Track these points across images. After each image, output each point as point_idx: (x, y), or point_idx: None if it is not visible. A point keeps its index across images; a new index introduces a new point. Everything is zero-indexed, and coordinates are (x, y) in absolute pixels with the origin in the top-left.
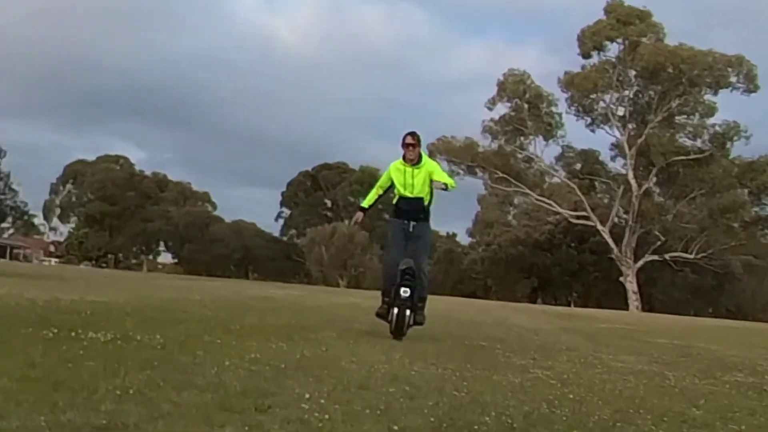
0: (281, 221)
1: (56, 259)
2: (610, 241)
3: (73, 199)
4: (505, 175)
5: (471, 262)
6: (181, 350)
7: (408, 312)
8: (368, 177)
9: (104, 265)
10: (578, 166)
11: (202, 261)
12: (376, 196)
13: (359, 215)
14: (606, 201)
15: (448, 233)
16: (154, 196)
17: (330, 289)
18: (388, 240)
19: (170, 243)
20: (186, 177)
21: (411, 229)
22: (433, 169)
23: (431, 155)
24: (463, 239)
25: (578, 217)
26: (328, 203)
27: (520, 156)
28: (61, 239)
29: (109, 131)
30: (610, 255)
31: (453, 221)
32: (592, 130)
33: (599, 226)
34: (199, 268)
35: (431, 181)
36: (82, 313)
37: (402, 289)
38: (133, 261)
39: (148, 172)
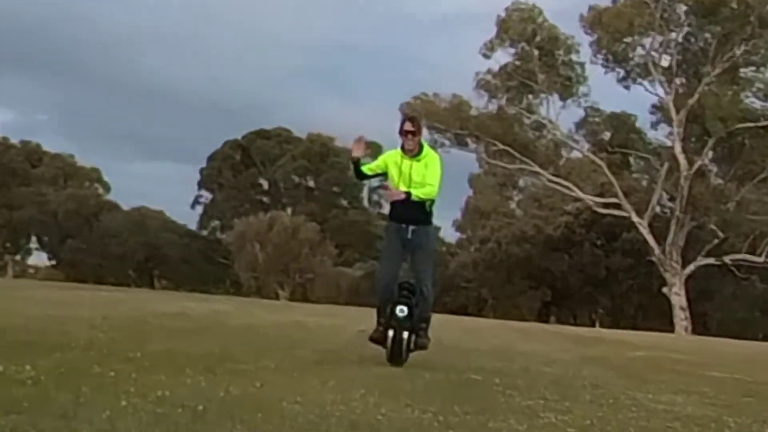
0: (199, 209)
1: None
2: (649, 238)
3: None
4: (506, 148)
5: (460, 266)
6: (59, 386)
7: (406, 334)
8: (320, 148)
9: None
10: (607, 135)
11: (90, 263)
12: (366, 171)
13: (361, 144)
14: (644, 184)
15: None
16: (23, 173)
17: (267, 302)
18: (383, 248)
19: (45, 238)
20: (67, 147)
21: (410, 235)
22: (431, 163)
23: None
24: (449, 234)
25: (606, 206)
26: (264, 184)
27: (527, 121)
28: None
29: None
30: (650, 257)
31: (436, 210)
32: (626, 87)
33: (635, 218)
34: (85, 274)
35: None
36: None
37: (399, 308)
38: None
39: (14, 140)
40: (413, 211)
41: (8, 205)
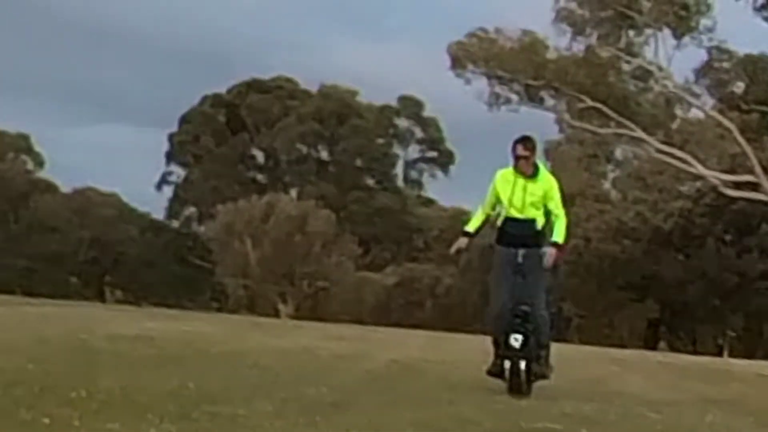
0: (168, 191)
1: None
2: None
3: None
4: (598, 104)
5: None
6: None
7: (524, 363)
8: (336, 106)
9: None
10: (739, 87)
11: (16, 266)
12: (484, 218)
13: (463, 241)
14: None
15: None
16: None
17: (263, 321)
18: (493, 274)
19: None
20: None
21: (521, 260)
22: (551, 194)
23: (456, 62)
24: None
25: (738, 186)
26: (259, 157)
27: (627, 68)
28: None
29: None
30: None
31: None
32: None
33: None
34: (9, 281)
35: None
36: None
37: (513, 337)
38: None
39: None
40: (523, 234)
41: None
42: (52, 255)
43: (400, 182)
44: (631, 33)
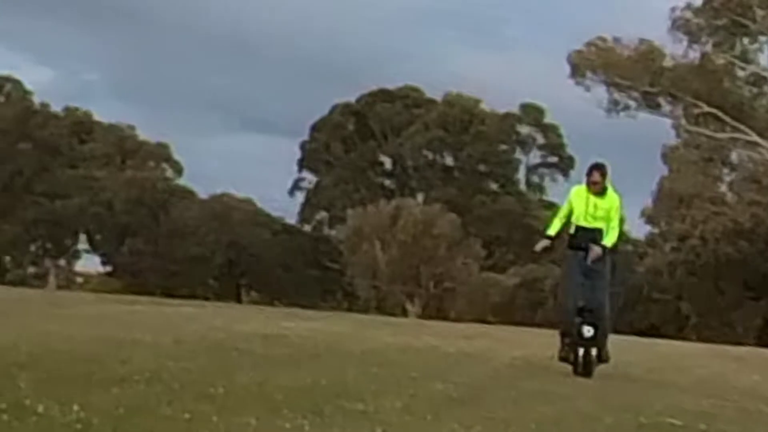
0: (300, 196)
1: None
2: None
3: None
4: (713, 110)
5: (651, 271)
6: None
7: (594, 351)
8: (460, 114)
9: None
10: None
11: (157, 269)
12: (561, 225)
13: (545, 242)
14: None
15: None
16: (68, 150)
17: (392, 320)
18: (565, 274)
19: (98, 237)
20: (127, 116)
21: (589, 262)
22: (613, 214)
23: (576, 70)
24: (637, 228)
25: None
26: (387, 163)
27: (742, 74)
28: None
29: None
30: None
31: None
32: None
33: None
34: (150, 283)
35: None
36: None
37: (586, 328)
38: (32, 270)
39: (57, 107)
40: (594, 241)
41: (49, 193)
42: (191, 258)
43: (522, 186)
44: (746, 40)
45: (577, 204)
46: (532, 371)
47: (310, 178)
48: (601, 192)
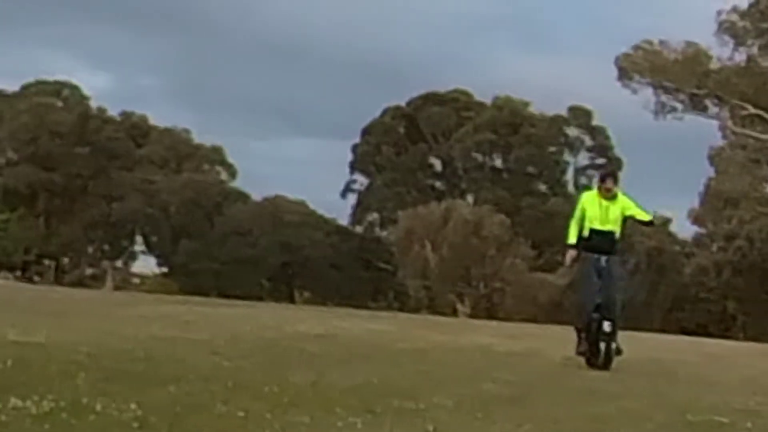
0: (352, 198)
1: None
2: None
3: None
4: (760, 112)
5: (698, 271)
6: (175, 430)
7: (614, 344)
8: (509, 117)
9: (37, 278)
10: None
11: (211, 271)
12: (577, 230)
13: (573, 253)
14: None
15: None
16: (124, 153)
17: (442, 320)
18: (581, 275)
19: (154, 238)
20: (181, 120)
21: (603, 264)
22: (629, 205)
23: (623, 73)
24: (683, 229)
25: None
26: (437, 165)
27: None
28: None
29: (43, 39)
30: None
31: (663, 195)
32: None
33: None
34: (205, 284)
35: (625, 218)
36: None
37: (606, 324)
38: (89, 271)
39: (113, 112)
40: (606, 244)
41: (106, 195)
42: (245, 259)
43: (570, 188)
44: None
45: (590, 209)
46: (580, 370)
47: (361, 181)
48: (612, 197)
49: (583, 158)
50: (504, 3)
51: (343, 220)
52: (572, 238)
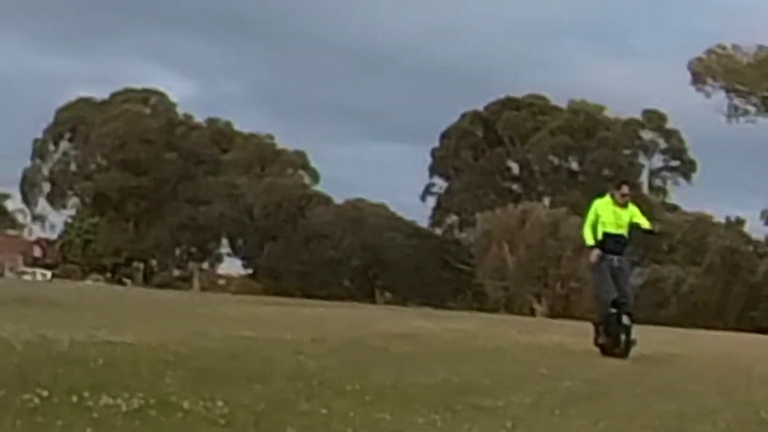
0: (431, 201)
1: (45, 271)
2: None
3: (73, 166)
4: None
5: None
6: (259, 427)
7: (632, 335)
8: (584, 121)
9: (127, 280)
10: None
11: (295, 272)
12: (592, 232)
13: (597, 251)
14: None
15: (727, 219)
16: (210, 159)
17: (519, 319)
18: (598, 274)
19: (239, 241)
20: (265, 126)
21: (616, 264)
22: (636, 213)
23: (695, 78)
24: (757, 228)
25: None
26: (514, 168)
27: None
28: (54, 236)
29: (132, 49)
30: None
31: (736, 196)
32: None
33: None
34: (289, 285)
35: (631, 224)
36: (90, 364)
37: (625, 318)
38: (177, 273)
39: (199, 118)
40: (618, 246)
41: (193, 199)
42: (327, 261)
43: (645, 190)
44: None
45: (605, 214)
46: (655, 368)
47: (440, 184)
48: (624, 204)
49: (658, 160)
50: (579, 9)
51: (423, 222)
52: (591, 240)
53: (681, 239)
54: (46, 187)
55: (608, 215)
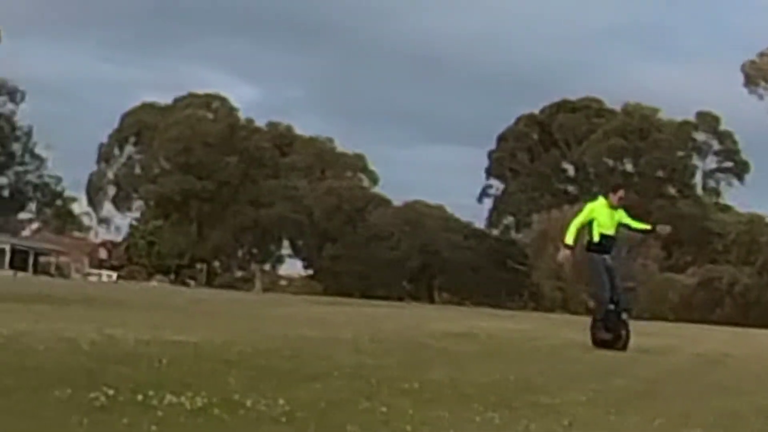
0: (488, 202)
1: (111, 272)
2: None
3: (137, 170)
4: None
5: None
6: (320, 424)
7: (631, 329)
8: (639, 123)
9: (190, 281)
10: None
11: (355, 273)
12: (576, 233)
13: (567, 253)
14: None
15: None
16: (271, 162)
17: (576, 318)
18: (596, 273)
19: (300, 242)
20: (325, 130)
21: (609, 262)
22: (623, 215)
23: (748, 80)
24: None
25: None
26: (570, 170)
27: None
28: (119, 238)
29: (195, 55)
30: None
31: None
32: None
33: None
34: (349, 285)
35: (620, 224)
36: (155, 363)
37: (623, 314)
38: (239, 274)
39: (261, 123)
40: (611, 246)
41: (254, 201)
42: (387, 262)
43: (699, 191)
44: None
45: (600, 217)
46: (711, 366)
47: (497, 185)
48: (616, 207)
49: (711, 162)
50: (632, 12)
51: (480, 224)
52: (568, 240)
53: (734, 239)
54: (112, 191)
55: (605, 217)
